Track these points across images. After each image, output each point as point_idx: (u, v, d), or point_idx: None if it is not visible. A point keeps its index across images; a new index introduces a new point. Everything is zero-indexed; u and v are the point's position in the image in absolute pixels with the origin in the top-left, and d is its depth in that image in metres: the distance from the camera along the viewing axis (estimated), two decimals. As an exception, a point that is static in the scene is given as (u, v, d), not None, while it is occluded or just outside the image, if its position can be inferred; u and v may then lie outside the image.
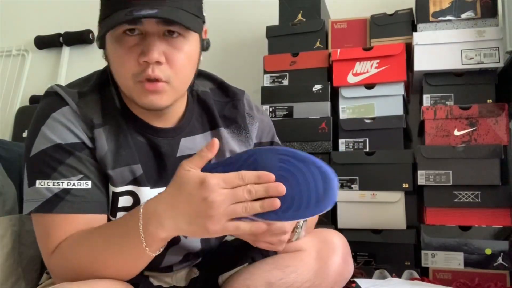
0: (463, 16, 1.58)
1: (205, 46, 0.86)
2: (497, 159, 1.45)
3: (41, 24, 2.65)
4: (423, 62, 1.59)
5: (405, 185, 1.54)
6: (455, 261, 1.45)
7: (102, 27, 0.76)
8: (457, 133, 1.52)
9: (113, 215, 0.82)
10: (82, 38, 2.50)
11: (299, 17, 1.83)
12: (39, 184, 0.76)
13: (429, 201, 1.51)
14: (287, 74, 1.78)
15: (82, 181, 0.77)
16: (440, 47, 1.57)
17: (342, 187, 1.60)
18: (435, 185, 1.49)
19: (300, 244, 0.91)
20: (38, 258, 1.08)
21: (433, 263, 1.46)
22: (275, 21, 1.88)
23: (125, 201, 0.82)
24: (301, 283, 0.88)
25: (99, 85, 0.85)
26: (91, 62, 2.50)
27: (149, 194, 0.82)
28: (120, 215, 0.81)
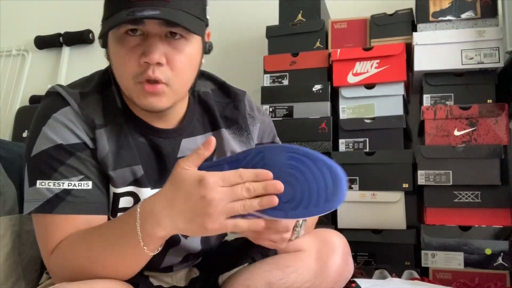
0: (463, 16, 1.58)
1: (207, 49, 0.85)
2: (497, 159, 1.45)
3: (41, 24, 2.65)
4: (423, 62, 1.59)
5: (405, 185, 1.54)
6: (455, 261, 1.45)
7: (104, 26, 0.76)
8: (457, 133, 1.52)
9: (114, 216, 0.82)
10: (82, 38, 2.50)
11: (299, 17, 1.83)
12: (39, 184, 0.76)
13: (429, 201, 1.51)
14: (287, 74, 1.78)
15: (82, 182, 0.77)
16: (440, 47, 1.57)
17: (342, 187, 1.60)
18: (435, 185, 1.49)
19: (300, 244, 0.91)
20: (38, 258, 1.08)
21: (433, 263, 1.46)
22: (275, 21, 1.88)
23: (125, 202, 0.82)
24: (301, 283, 0.88)
25: (101, 85, 0.85)
26: (91, 62, 2.50)
27: (149, 194, 0.81)
28: None
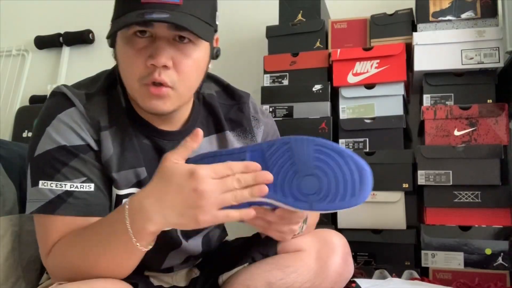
0: (463, 16, 1.58)
1: (215, 54, 0.86)
2: (497, 159, 1.45)
3: (41, 24, 2.65)
4: (423, 62, 1.58)
5: (405, 185, 1.54)
6: (455, 261, 1.45)
7: (113, 26, 0.76)
8: (457, 133, 1.52)
9: None
10: (82, 38, 2.50)
11: (299, 17, 1.83)
12: (42, 184, 0.76)
13: (429, 201, 1.51)
14: (287, 74, 1.78)
15: (85, 184, 0.77)
16: (440, 47, 1.57)
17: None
18: (435, 185, 1.49)
19: (300, 244, 0.91)
20: (38, 258, 1.07)
21: (433, 263, 1.46)
22: (275, 21, 1.88)
23: None
24: (301, 283, 0.88)
25: (107, 86, 0.85)
26: (91, 62, 2.50)
27: None
28: None
